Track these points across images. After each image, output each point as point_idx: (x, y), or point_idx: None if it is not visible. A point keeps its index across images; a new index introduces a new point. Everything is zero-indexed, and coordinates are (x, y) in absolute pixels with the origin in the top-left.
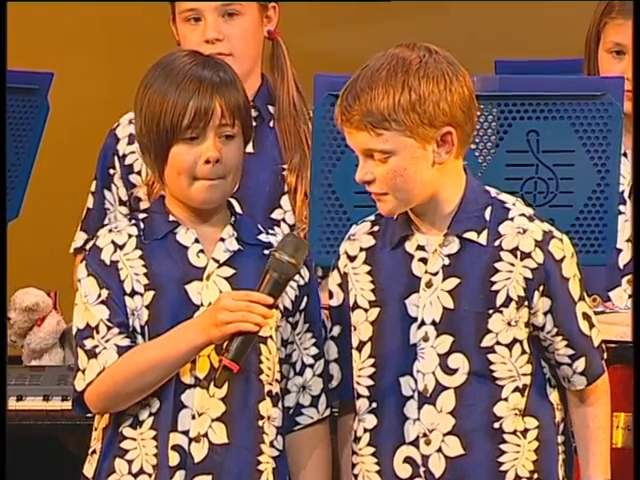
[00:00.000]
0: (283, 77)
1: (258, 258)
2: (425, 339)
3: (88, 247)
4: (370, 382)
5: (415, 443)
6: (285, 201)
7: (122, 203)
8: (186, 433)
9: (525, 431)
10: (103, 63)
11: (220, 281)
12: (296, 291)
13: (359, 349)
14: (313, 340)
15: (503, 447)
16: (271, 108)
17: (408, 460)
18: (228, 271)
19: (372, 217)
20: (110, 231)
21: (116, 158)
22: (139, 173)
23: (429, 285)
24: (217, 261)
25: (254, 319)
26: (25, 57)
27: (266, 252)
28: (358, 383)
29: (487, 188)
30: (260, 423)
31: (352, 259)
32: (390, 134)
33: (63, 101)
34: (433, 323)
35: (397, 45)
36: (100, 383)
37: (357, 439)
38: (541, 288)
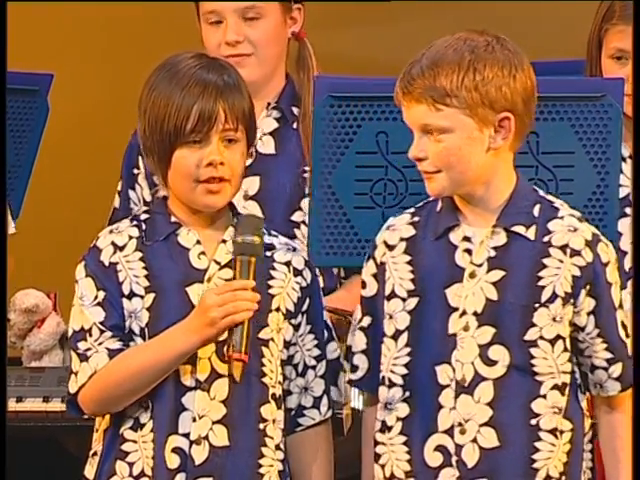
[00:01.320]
0: (309, 78)
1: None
2: (465, 329)
3: (89, 248)
4: (405, 371)
5: (449, 432)
6: (305, 204)
7: (146, 203)
8: (187, 436)
9: (561, 432)
10: (103, 64)
11: (221, 283)
12: (298, 293)
13: (395, 338)
14: (315, 342)
15: (538, 445)
16: (295, 109)
17: (440, 449)
18: (229, 273)
19: (412, 209)
20: (111, 232)
21: (140, 158)
22: None
23: (472, 276)
24: (218, 263)
25: (244, 306)
26: (24, 58)
27: (268, 254)
28: (392, 372)
29: (535, 188)
30: (262, 426)
31: (391, 248)
32: (450, 111)
33: (63, 102)
34: (475, 314)
35: (466, 30)
36: (92, 386)
37: (388, 428)
38: (588, 287)
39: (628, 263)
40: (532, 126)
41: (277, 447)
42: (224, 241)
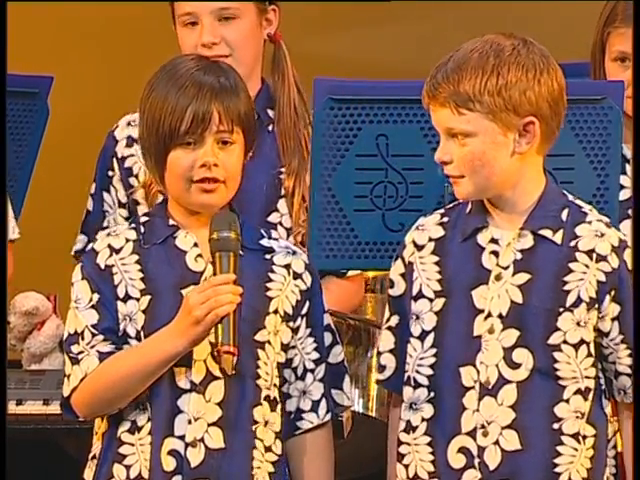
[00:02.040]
0: (284, 80)
1: (258, 263)
2: (490, 331)
3: (86, 250)
4: (430, 372)
5: (472, 434)
6: (282, 204)
7: (122, 205)
8: (182, 438)
9: (584, 437)
10: (102, 64)
11: None
12: (297, 296)
13: (421, 338)
14: (314, 345)
15: (560, 449)
16: (270, 112)
17: (463, 450)
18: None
19: (442, 210)
20: (108, 235)
21: (115, 160)
22: (137, 176)
23: (498, 278)
24: None
25: (226, 299)
26: (23, 59)
27: (267, 257)
28: (418, 372)
29: (564, 192)
30: (252, 428)
31: (420, 248)
32: (473, 115)
33: (62, 103)
34: (500, 316)
35: (495, 32)
36: (83, 389)
37: (413, 429)
38: (613, 293)
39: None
40: (560, 129)
41: (267, 449)
42: None
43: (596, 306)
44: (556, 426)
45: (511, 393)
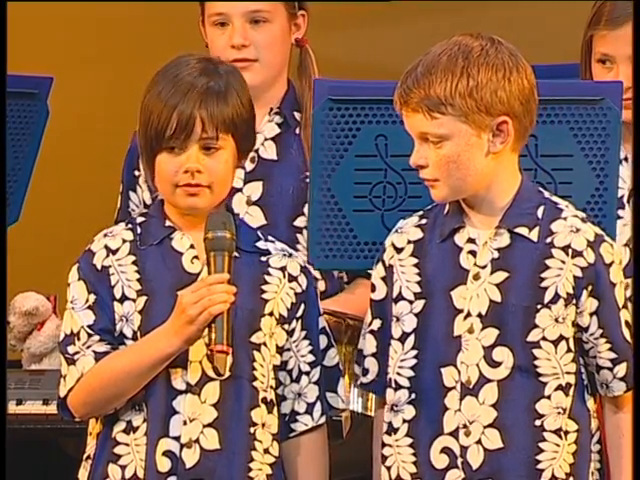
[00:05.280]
0: (311, 85)
1: (254, 265)
2: (470, 331)
3: (83, 251)
4: (411, 373)
5: (454, 434)
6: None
7: (146, 205)
8: (177, 439)
9: (566, 433)
10: (102, 65)
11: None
12: (292, 298)
13: (402, 340)
14: (310, 347)
15: (542, 445)
16: (297, 115)
17: (446, 450)
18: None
19: (420, 212)
20: (105, 235)
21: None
22: None
23: (477, 278)
24: None
25: (219, 298)
26: (22, 58)
27: (263, 259)
28: (399, 374)
29: (540, 189)
30: (252, 430)
31: (399, 251)
32: (446, 118)
33: (61, 104)
34: (479, 315)
35: (461, 33)
36: (79, 389)
37: (394, 430)
38: (590, 288)
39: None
40: (533, 126)
41: (266, 451)
42: None
43: (574, 302)
44: (538, 423)
45: (492, 392)
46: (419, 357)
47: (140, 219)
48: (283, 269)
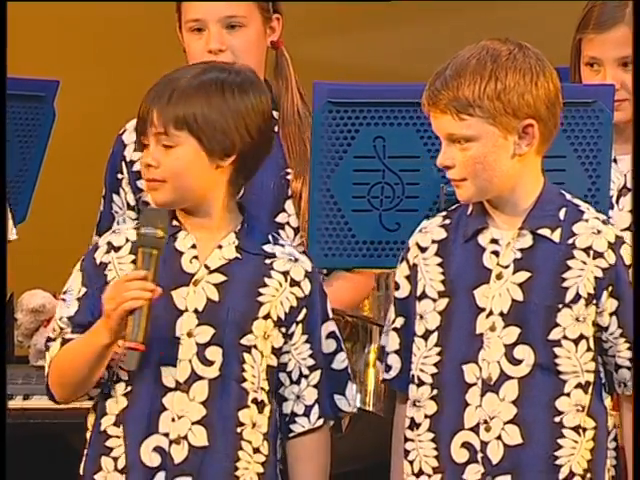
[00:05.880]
0: (287, 85)
1: (256, 267)
2: (492, 329)
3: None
4: (434, 370)
5: (475, 429)
6: (289, 205)
7: (130, 208)
8: (167, 435)
9: (584, 430)
10: (105, 66)
11: (209, 287)
12: (293, 302)
13: (425, 337)
14: (310, 352)
15: (561, 442)
16: (275, 114)
17: (466, 445)
18: (219, 278)
19: (444, 212)
20: (113, 232)
21: (124, 164)
22: None
23: (499, 277)
24: (208, 267)
25: (132, 294)
26: (27, 60)
27: (267, 262)
28: (422, 370)
29: (562, 192)
30: (239, 430)
31: (423, 250)
32: (474, 120)
33: (65, 106)
34: (501, 314)
35: (489, 38)
36: (51, 373)
37: (416, 425)
38: (610, 289)
39: None
40: (557, 129)
41: (256, 450)
42: (220, 246)
43: (594, 302)
44: (557, 419)
45: (513, 389)
46: (442, 354)
47: None
48: (286, 273)
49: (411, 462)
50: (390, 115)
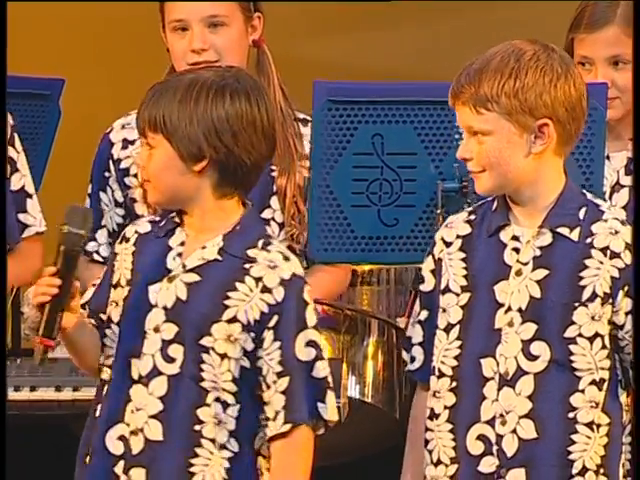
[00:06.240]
0: (269, 83)
1: (232, 271)
2: (510, 324)
3: None
4: (454, 363)
5: (491, 422)
6: (274, 201)
7: (118, 205)
8: (129, 426)
9: (598, 426)
10: (108, 65)
11: (180, 286)
12: (264, 309)
13: (447, 331)
14: (280, 358)
15: (574, 437)
16: None
17: (482, 438)
18: (192, 277)
19: (470, 208)
20: (133, 223)
21: (111, 162)
22: (135, 175)
23: (519, 274)
24: (185, 266)
25: (39, 290)
26: (31, 59)
27: (246, 266)
28: (443, 363)
29: (584, 191)
30: (197, 427)
31: (448, 245)
32: (491, 115)
33: (68, 105)
34: (519, 310)
35: (519, 39)
36: None
37: (436, 416)
38: (626, 288)
39: None
40: (580, 133)
41: (222, 447)
42: (204, 247)
43: (610, 301)
44: (571, 415)
45: (528, 384)
46: (462, 347)
47: (172, 214)
48: (259, 279)
49: (430, 451)
50: (388, 113)
